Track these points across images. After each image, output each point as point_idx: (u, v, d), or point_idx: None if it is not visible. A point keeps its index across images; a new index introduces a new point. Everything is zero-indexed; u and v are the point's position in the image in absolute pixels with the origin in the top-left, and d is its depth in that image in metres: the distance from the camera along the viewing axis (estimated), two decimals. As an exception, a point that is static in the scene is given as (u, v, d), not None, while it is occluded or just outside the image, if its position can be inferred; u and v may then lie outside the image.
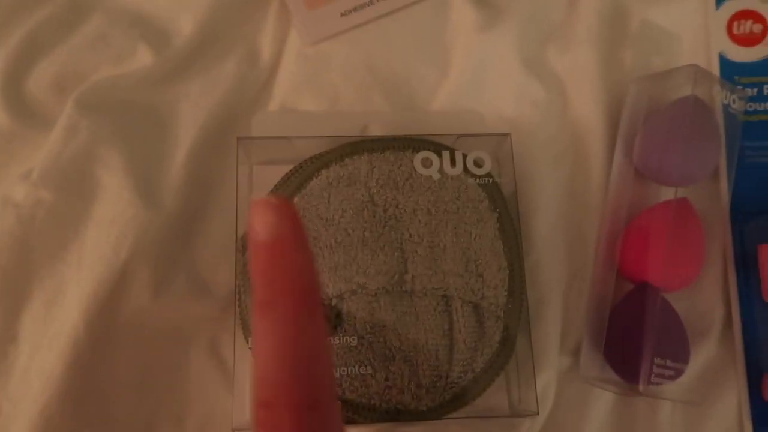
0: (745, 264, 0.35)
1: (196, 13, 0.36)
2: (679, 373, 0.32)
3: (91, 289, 0.30)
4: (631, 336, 0.31)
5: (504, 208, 0.31)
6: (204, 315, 0.32)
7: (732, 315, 0.34)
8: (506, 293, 0.30)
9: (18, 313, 0.31)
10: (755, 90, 0.37)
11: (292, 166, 0.31)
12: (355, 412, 0.28)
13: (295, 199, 0.30)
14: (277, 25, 0.37)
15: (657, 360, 0.31)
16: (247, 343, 0.29)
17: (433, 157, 0.31)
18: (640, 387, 0.30)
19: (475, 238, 0.30)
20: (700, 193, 0.35)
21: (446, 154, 0.31)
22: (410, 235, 0.30)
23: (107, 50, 0.35)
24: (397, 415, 0.28)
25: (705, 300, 0.35)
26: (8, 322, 0.31)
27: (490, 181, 0.31)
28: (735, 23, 0.38)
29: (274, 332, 0.19)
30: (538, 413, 0.30)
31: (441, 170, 0.31)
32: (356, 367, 0.28)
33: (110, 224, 0.31)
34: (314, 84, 0.36)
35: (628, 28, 0.38)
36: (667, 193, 0.35)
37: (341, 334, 0.29)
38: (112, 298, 0.30)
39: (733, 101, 0.36)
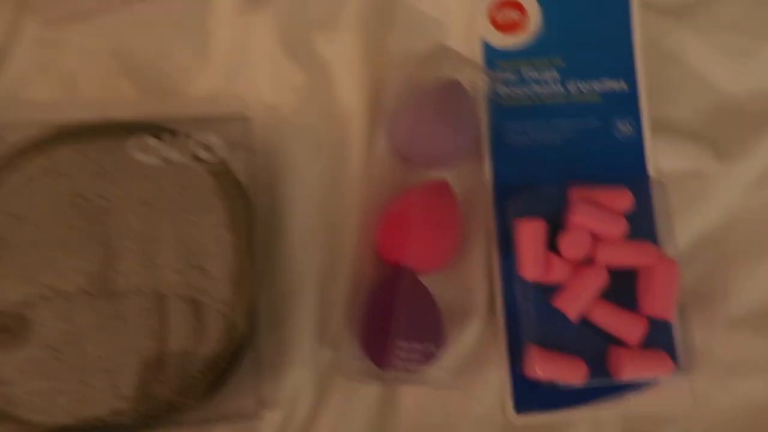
0: (506, 242, 0.35)
1: None
2: (428, 356, 0.31)
3: None
4: (382, 319, 0.31)
5: (237, 196, 0.29)
6: None
7: (494, 295, 0.35)
8: (231, 287, 0.28)
9: None
10: (515, 75, 0.38)
11: None
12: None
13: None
14: (11, 3, 0.33)
15: (401, 343, 0.30)
16: None
17: (153, 142, 0.29)
18: (386, 370, 0.29)
19: (198, 229, 0.28)
20: (462, 175, 0.35)
21: (167, 138, 0.29)
22: (120, 229, 0.27)
23: None
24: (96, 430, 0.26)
25: (469, 281, 0.35)
26: None
27: (223, 168, 0.29)
28: (497, 11, 0.39)
29: None
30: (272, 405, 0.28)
31: (163, 157, 0.29)
32: (42, 383, 0.25)
33: None
34: (49, 71, 0.33)
35: (394, 14, 0.38)
36: (429, 176, 0.35)
37: (26, 347, 0.25)
38: None
39: (492, 85, 0.36)
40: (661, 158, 0.37)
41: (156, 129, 0.29)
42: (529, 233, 0.34)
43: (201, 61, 0.36)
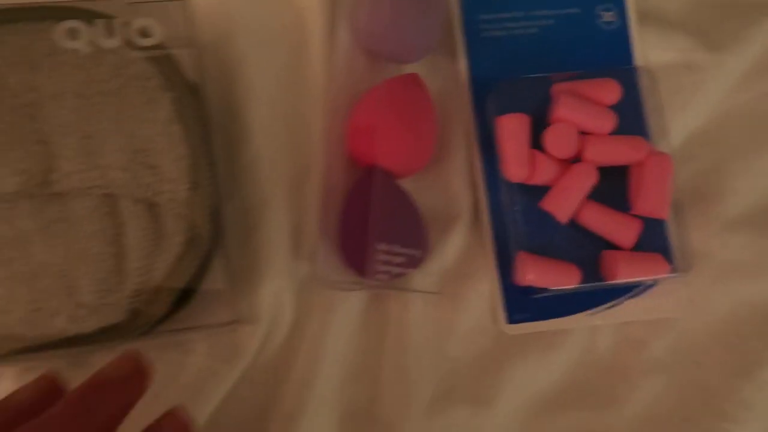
0: (488, 143, 0.32)
1: None
2: (413, 260, 0.29)
3: None
4: (359, 223, 0.28)
5: (183, 86, 0.26)
6: None
7: (479, 199, 0.32)
8: (188, 186, 0.25)
9: None
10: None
11: None
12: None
13: None
14: None
15: (382, 245, 0.27)
16: None
17: (82, 26, 0.25)
18: (368, 276, 0.27)
19: (142, 123, 0.25)
20: (437, 70, 0.33)
21: (100, 23, 0.25)
22: (57, 125, 0.24)
23: None
24: (57, 342, 0.23)
25: (450, 185, 0.32)
26: None
27: (162, 53, 0.26)
28: None
29: None
30: (254, 320, 0.26)
31: (94, 42, 0.25)
32: None
33: None
34: None
35: None
36: (399, 72, 0.32)
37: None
38: None
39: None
40: (649, 49, 0.34)
41: (85, 13, 0.25)
42: (511, 129, 0.31)
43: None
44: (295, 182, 0.30)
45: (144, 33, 0.26)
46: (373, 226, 0.27)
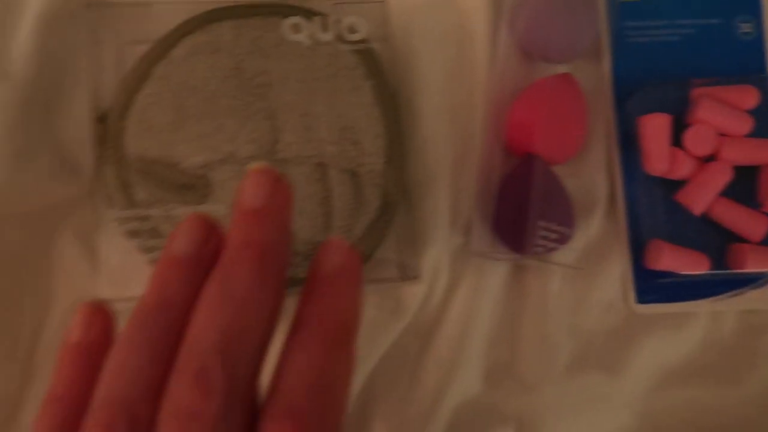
0: (627, 141, 0.36)
1: None
2: (564, 237, 0.32)
3: None
4: (517, 204, 0.32)
5: (380, 75, 0.30)
6: (67, 196, 0.30)
7: (615, 189, 0.35)
8: (384, 160, 0.30)
9: None
10: (636, -30, 0.37)
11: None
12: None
13: (157, 68, 0.28)
14: None
15: (542, 223, 0.31)
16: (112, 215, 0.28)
17: (304, 22, 0.30)
18: (527, 249, 0.30)
19: (349, 106, 0.29)
20: (583, 72, 0.35)
21: (317, 20, 0.30)
22: (282, 104, 0.29)
23: None
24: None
25: (590, 175, 0.35)
26: None
27: (365, 47, 0.30)
28: None
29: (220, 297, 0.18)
30: (418, 276, 0.30)
31: (312, 36, 0.30)
32: None
33: None
34: None
35: None
36: (551, 71, 0.35)
37: (211, 204, 0.27)
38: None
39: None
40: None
41: (306, 11, 0.30)
42: (655, 127, 0.34)
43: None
44: (456, 164, 0.34)
45: (351, 29, 0.30)
46: (534, 205, 0.31)
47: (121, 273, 0.28)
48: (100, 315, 0.20)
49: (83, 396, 0.19)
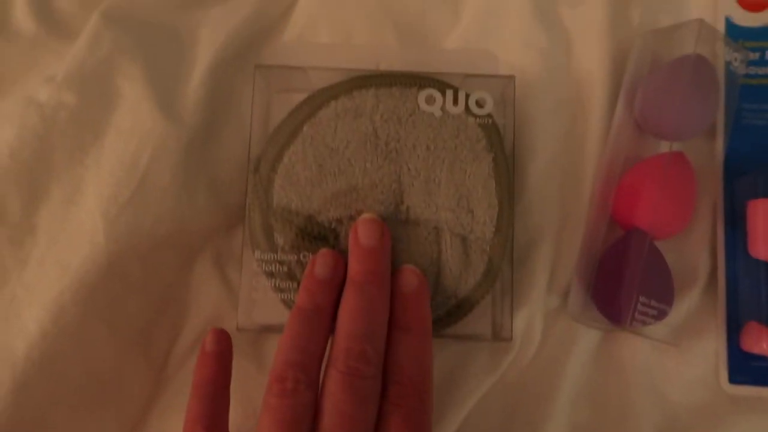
0: (733, 219, 0.37)
1: None
2: (662, 313, 0.33)
3: (111, 192, 0.32)
4: (619, 276, 0.33)
5: (500, 149, 0.33)
6: (214, 228, 0.35)
7: (717, 267, 0.36)
8: (493, 230, 0.32)
9: (37, 206, 0.33)
10: (757, 54, 0.38)
11: (305, 96, 0.33)
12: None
13: (305, 127, 0.32)
14: None
15: (642, 299, 0.32)
16: (254, 255, 0.32)
17: (437, 95, 0.33)
18: (624, 323, 0.32)
19: (469, 176, 0.32)
20: (695, 149, 0.36)
21: (450, 93, 0.33)
22: (408, 169, 0.32)
23: (133, -29, 0.37)
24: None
25: (693, 251, 0.36)
26: (27, 214, 0.33)
27: (490, 121, 0.33)
28: (743, -12, 0.38)
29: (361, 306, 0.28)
30: (511, 339, 0.32)
31: (443, 108, 0.33)
32: None
33: (129, 133, 0.33)
34: (331, 19, 0.38)
35: (638, -13, 0.39)
36: (665, 148, 0.36)
37: (338, 254, 0.31)
38: (132, 203, 0.32)
39: (735, 60, 0.37)
40: None
41: (441, 84, 0.33)
42: (763, 212, 0.35)
43: (455, 18, 0.39)
44: (558, 229, 0.36)
45: (479, 103, 0.33)
46: (635, 281, 0.32)
47: (251, 304, 0.32)
48: (225, 336, 0.30)
49: (219, 386, 0.30)
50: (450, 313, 0.32)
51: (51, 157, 0.33)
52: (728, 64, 0.36)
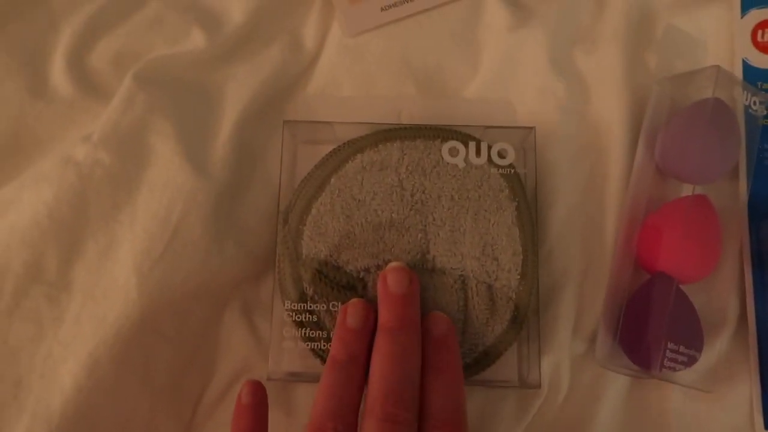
0: (760, 261, 0.36)
1: (247, 3, 0.38)
2: (692, 360, 0.33)
3: (144, 248, 0.33)
4: (646, 322, 0.33)
5: (523, 197, 0.33)
6: (242, 278, 0.35)
7: (747, 310, 0.36)
8: (519, 277, 0.33)
9: (72, 263, 0.34)
10: (777, 96, 0.38)
11: (332, 148, 0.34)
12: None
13: (332, 180, 0.33)
14: (320, 17, 0.39)
15: (670, 345, 0.32)
16: (283, 305, 0.33)
17: (460, 146, 0.34)
18: (653, 370, 0.32)
19: (493, 225, 0.33)
20: (718, 192, 0.37)
21: (472, 145, 0.34)
22: (434, 219, 0.33)
23: (163, 32, 0.38)
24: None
25: (720, 294, 0.36)
26: (63, 271, 0.34)
27: (512, 171, 0.34)
28: (759, 31, 0.39)
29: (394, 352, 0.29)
30: (539, 386, 0.32)
31: (466, 159, 0.33)
32: None
33: (162, 188, 0.34)
34: (352, 73, 0.39)
35: (654, 32, 0.40)
36: (687, 191, 0.37)
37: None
38: (164, 257, 0.33)
39: (754, 103, 0.37)
40: None
41: (464, 136, 0.34)
42: (792, 256, 0.35)
43: (473, 69, 0.40)
44: (582, 274, 0.36)
45: (501, 154, 0.34)
46: (662, 327, 0.32)
47: (281, 354, 0.33)
48: (261, 387, 0.30)
49: None
50: (477, 360, 0.32)
51: (87, 215, 0.34)
52: (747, 108, 0.37)
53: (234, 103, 0.37)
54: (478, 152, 0.33)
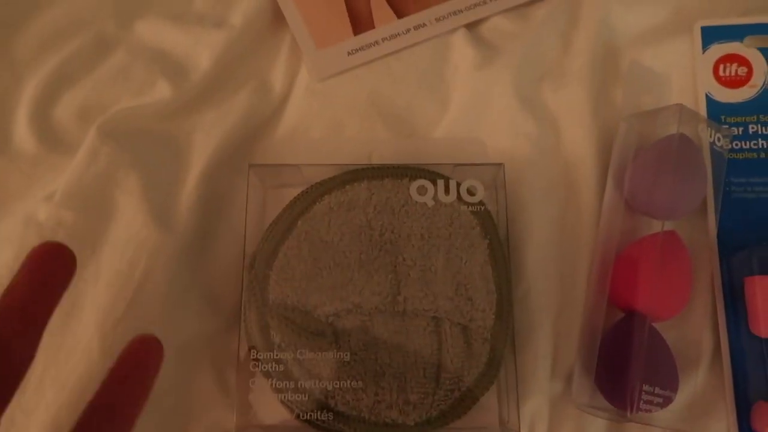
0: (732, 295, 0.36)
1: (213, 50, 0.38)
2: (667, 400, 0.33)
3: (107, 305, 0.32)
4: (620, 363, 0.33)
5: (495, 235, 0.33)
6: (211, 331, 0.34)
7: (720, 345, 0.36)
8: (494, 316, 0.32)
9: None
10: (740, 129, 0.39)
11: (300, 190, 0.34)
12: (346, 423, 0.30)
13: (299, 222, 0.32)
14: (288, 62, 0.40)
15: (645, 387, 0.32)
16: (250, 354, 0.31)
17: (428, 185, 0.33)
18: (628, 413, 0.31)
19: (465, 263, 0.32)
20: (687, 227, 0.36)
21: (441, 183, 0.33)
22: (404, 259, 0.32)
23: (129, 83, 0.38)
24: (385, 428, 0.30)
25: (693, 330, 0.36)
26: None
27: (483, 209, 0.33)
28: (721, 65, 0.40)
29: None
30: (519, 431, 0.31)
31: (435, 197, 0.33)
32: (348, 382, 0.30)
33: (125, 245, 0.33)
34: (321, 117, 0.39)
35: (619, 68, 0.40)
36: (656, 227, 0.36)
37: (336, 350, 0.30)
38: (127, 314, 0.32)
39: (718, 139, 0.38)
40: None
41: (432, 174, 0.33)
42: (763, 290, 0.34)
43: (442, 109, 0.40)
44: (558, 313, 0.35)
45: (470, 191, 0.34)
46: (636, 369, 0.32)
47: (247, 407, 0.31)
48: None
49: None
50: (454, 406, 0.31)
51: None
52: (712, 144, 0.37)
53: (201, 150, 0.37)
54: (446, 190, 0.33)
